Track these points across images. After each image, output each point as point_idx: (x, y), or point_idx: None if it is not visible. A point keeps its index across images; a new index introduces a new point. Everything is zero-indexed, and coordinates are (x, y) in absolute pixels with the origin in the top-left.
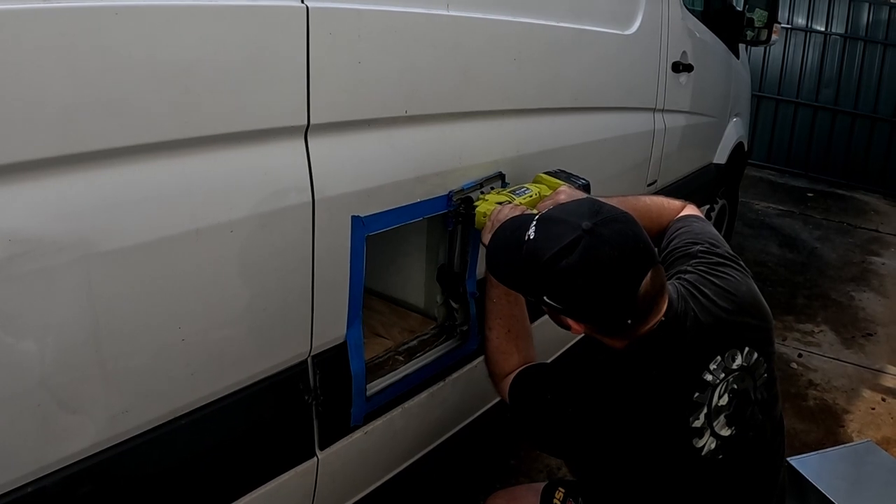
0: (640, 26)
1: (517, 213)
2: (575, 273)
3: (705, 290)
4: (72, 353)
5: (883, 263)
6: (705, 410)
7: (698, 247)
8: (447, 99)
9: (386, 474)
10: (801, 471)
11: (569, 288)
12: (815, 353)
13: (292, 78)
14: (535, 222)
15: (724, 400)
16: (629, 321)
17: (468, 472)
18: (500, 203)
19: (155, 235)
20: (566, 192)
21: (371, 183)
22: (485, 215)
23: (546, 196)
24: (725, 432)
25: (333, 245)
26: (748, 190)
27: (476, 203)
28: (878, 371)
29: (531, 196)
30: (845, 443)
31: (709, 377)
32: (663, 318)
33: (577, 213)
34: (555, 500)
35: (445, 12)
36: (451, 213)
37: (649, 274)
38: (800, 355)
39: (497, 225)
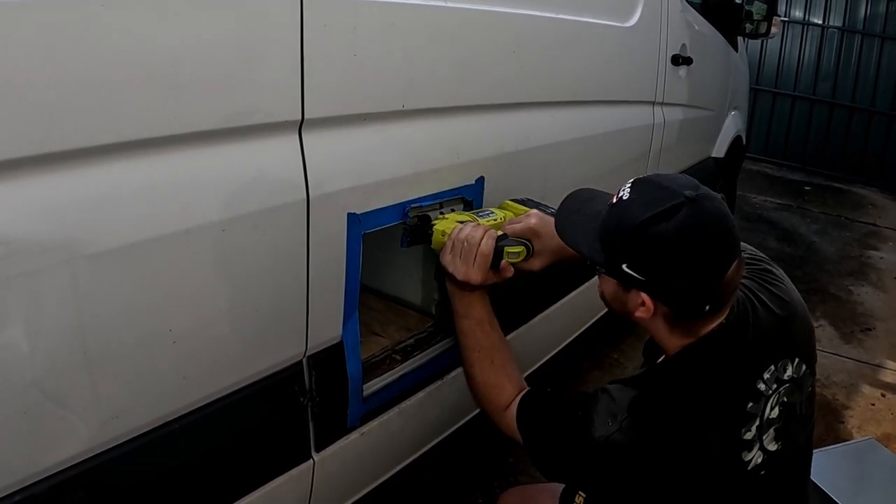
0: (639, 18)
1: (479, 232)
2: (669, 240)
3: (762, 297)
4: (59, 357)
5: (881, 257)
6: (757, 423)
7: (743, 253)
8: (445, 93)
9: (383, 475)
10: None
11: (658, 256)
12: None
13: (286, 71)
14: (630, 184)
15: (776, 412)
16: (707, 307)
17: (466, 470)
18: (461, 222)
19: (143, 235)
20: (537, 216)
21: (367, 179)
22: (444, 233)
23: (511, 218)
24: (773, 447)
25: (329, 243)
26: (745, 183)
27: (434, 221)
28: (878, 366)
29: (495, 220)
30: (845, 439)
31: (762, 387)
32: (724, 322)
33: (677, 182)
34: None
35: (443, 4)
36: (405, 229)
37: (736, 262)
38: None
39: (458, 244)
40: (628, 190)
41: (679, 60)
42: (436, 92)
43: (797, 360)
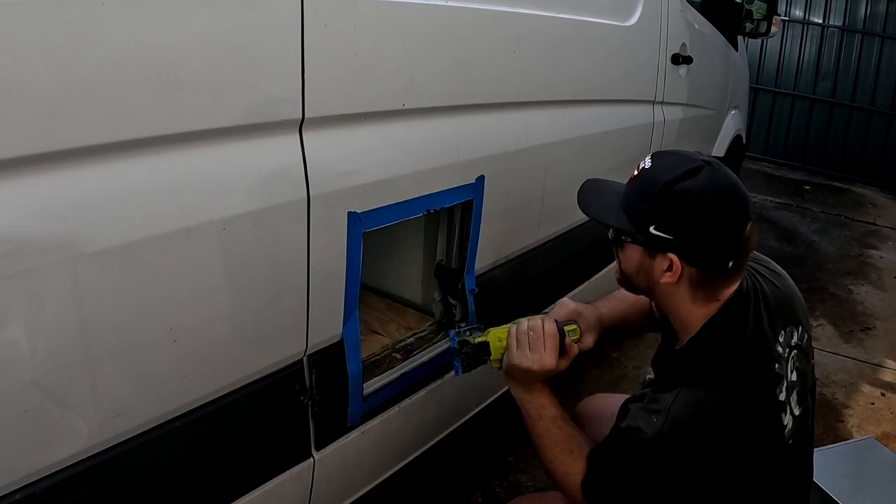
0: (639, 18)
1: (537, 320)
2: (695, 195)
3: (763, 273)
4: (60, 356)
5: (881, 257)
6: (784, 384)
7: None
8: (445, 92)
9: (383, 474)
10: None
11: (686, 211)
12: (814, 347)
13: (286, 70)
14: (650, 156)
15: (794, 376)
16: (730, 264)
17: (465, 469)
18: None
19: (144, 234)
20: (567, 301)
21: (368, 178)
22: (500, 339)
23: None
24: (797, 410)
25: (329, 242)
26: (745, 182)
27: (476, 339)
28: (877, 366)
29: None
30: (845, 438)
31: (780, 349)
32: (738, 289)
33: (692, 152)
34: None
35: (444, 3)
36: (462, 356)
37: (751, 221)
38: None
39: (523, 337)
40: (649, 161)
41: (679, 59)
42: (436, 91)
43: (801, 328)
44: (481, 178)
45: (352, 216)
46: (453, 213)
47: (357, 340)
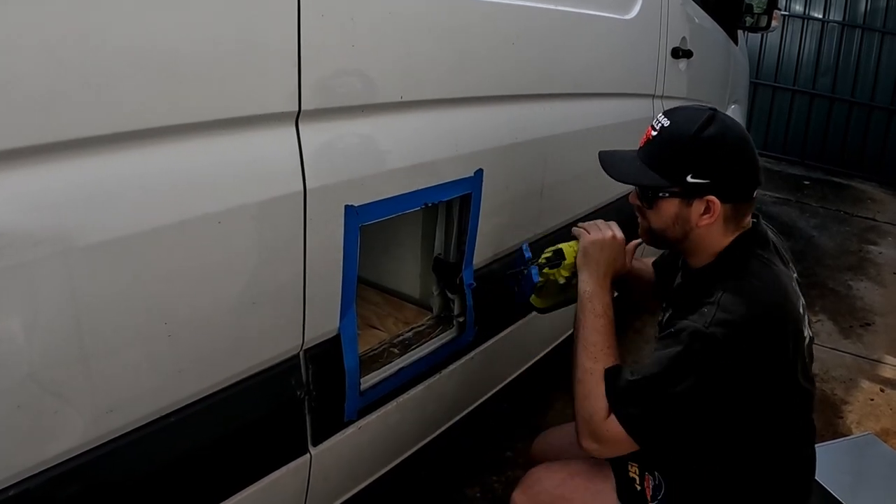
0: (639, 11)
1: (600, 221)
2: (720, 138)
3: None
4: (53, 351)
5: (880, 252)
6: (802, 301)
7: None
8: (443, 84)
9: (380, 469)
10: None
11: (718, 153)
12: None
13: (283, 62)
14: (662, 115)
15: (801, 305)
16: (755, 191)
17: (463, 464)
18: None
19: (138, 227)
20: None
21: (365, 171)
22: (570, 245)
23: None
24: (808, 333)
25: (326, 235)
26: None
27: (547, 251)
28: (877, 361)
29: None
30: (844, 434)
31: (794, 284)
32: (753, 220)
33: (694, 105)
34: (630, 475)
35: None
36: (535, 262)
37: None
38: None
39: (594, 230)
40: (664, 118)
41: (679, 53)
42: (434, 83)
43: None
44: (480, 172)
45: (349, 209)
46: (451, 207)
47: (354, 335)
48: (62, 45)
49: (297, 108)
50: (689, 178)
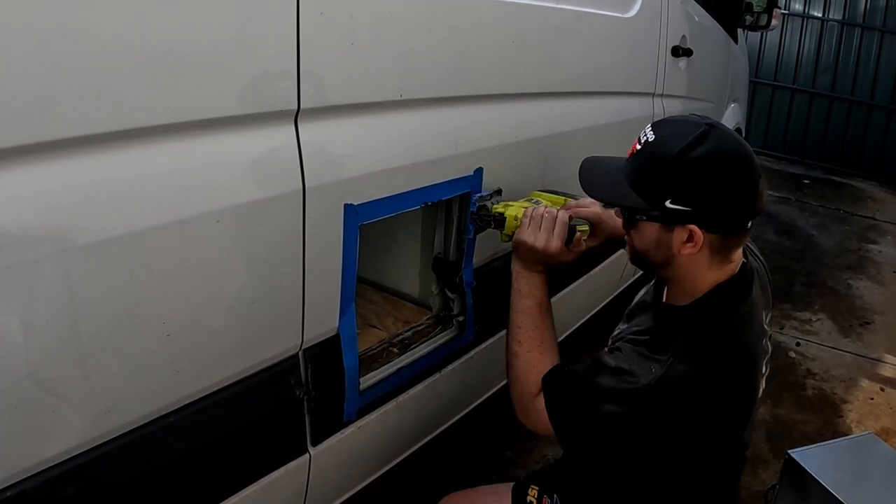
0: (640, 9)
1: (554, 209)
2: (708, 161)
3: (753, 249)
4: (51, 351)
5: (880, 251)
6: (766, 358)
7: None
8: (443, 82)
9: (380, 469)
10: (802, 464)
11: (703, 179)
12: (813, 341)
13: (282, 60)
14: (650, 127)
15: (767, 357)
16: (749, 223)
17: (463, 464)
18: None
19: (136, 226)
20: (596, 204)
21: (364, 170)
22: (516, 218)
23: (562, 205)
24: (763, 384)
25: (325, 234)
26: None
27: (497, 210)
28: (876, 360)
29: (545, 205)
30: (844, 433)
31: (766, 326)
32: (744, 261)
33: (691, 117)
34: (528, 499)
35: None
36: (476, 219)
37: (761, 177)
38: (798, 344)
39: (536, 219)
40: (651, 132)
41: (679, 52)
42: (434, 82)
43: (769, 309)
44: (480, 171)
45: (348, 208)
46: (451, 206)
47: (353, 334)
48: (60, 43)
49: (296, 107)
50: (667, 204)
